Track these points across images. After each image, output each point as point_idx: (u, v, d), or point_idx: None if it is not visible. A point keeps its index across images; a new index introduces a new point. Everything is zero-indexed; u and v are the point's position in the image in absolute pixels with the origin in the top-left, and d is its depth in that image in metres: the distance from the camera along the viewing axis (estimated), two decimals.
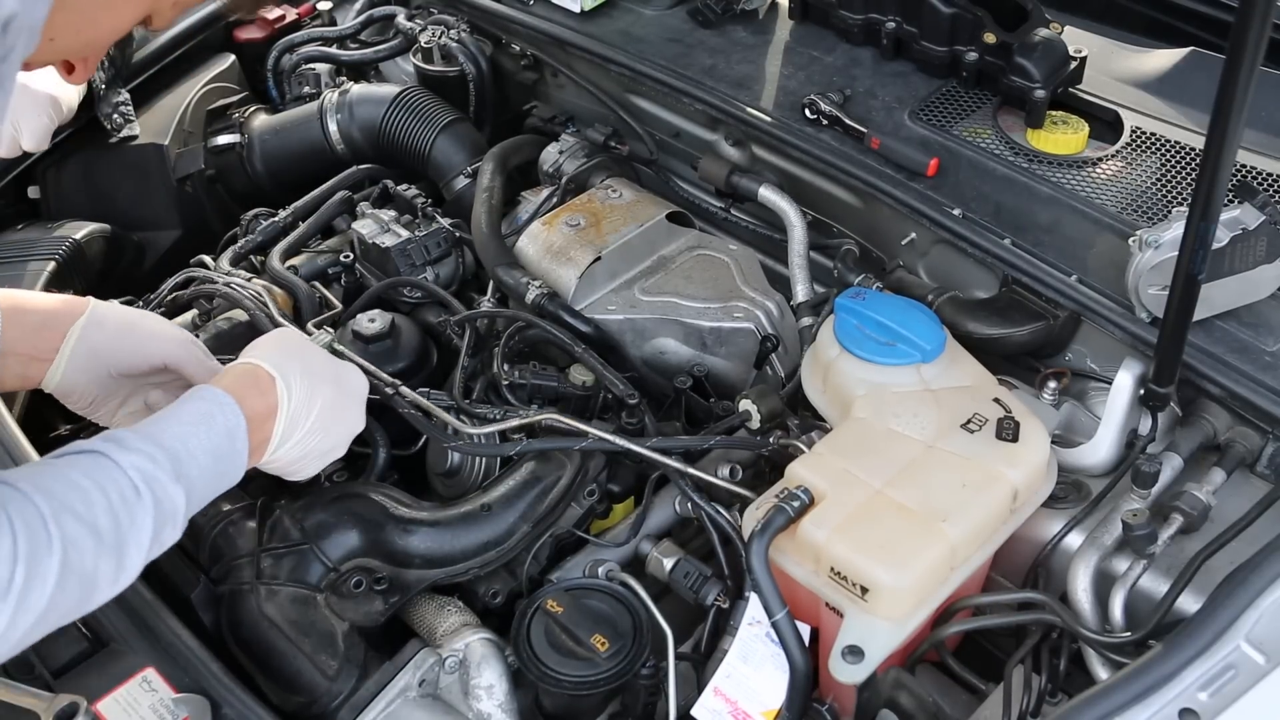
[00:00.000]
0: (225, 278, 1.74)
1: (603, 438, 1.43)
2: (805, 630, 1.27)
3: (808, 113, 1.73)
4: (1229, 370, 1.36)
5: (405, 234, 1.81)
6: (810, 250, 1.74)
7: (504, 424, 1.47)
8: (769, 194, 1.77)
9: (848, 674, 1.18)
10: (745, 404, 1.48)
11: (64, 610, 0.97)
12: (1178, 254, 1.21)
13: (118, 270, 1.95)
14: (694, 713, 1.28)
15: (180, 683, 1.20)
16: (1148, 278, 1.37)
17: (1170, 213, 1.47)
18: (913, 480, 1.28)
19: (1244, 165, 1.59)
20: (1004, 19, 1.72)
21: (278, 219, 1.93)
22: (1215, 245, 1.27)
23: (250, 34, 2.28)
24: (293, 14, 2.32)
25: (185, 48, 2.16)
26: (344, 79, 2.23)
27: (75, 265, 1.82)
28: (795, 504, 1.25)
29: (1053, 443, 1.37)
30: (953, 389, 1.40)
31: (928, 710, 1.24)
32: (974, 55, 1.74)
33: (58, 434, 1.61)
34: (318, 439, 1.25)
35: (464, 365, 1.60)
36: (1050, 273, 1.48)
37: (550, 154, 2.02)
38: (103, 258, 1.91)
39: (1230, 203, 1.36)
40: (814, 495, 1.26)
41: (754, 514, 1.29)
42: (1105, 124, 1.71)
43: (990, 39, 1.71)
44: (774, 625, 1.21)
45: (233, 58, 2.23)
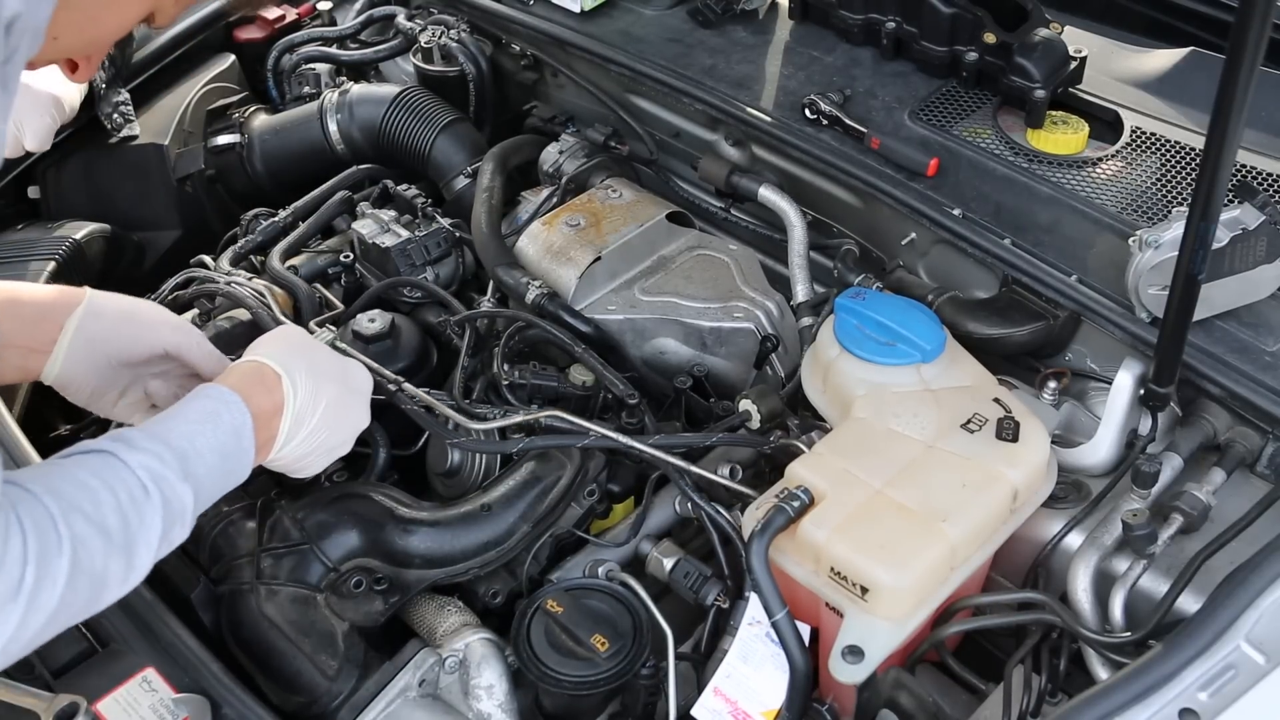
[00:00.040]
0: (226, 278, 1.74)
1: (605, 435, 1.43)
2: (805, 630, 1.27)
3: (808, 113, 1.73)
4: (1229, 370, 1.36)
5: (405, 234, 1.81)
6: (810, 250, 1.74)
7: (506, 421, 1.47)
8: (769, 194, 1.77)
9: (848, 674, 1.18)
10: (745, 404, 1.48)
11: (74, 610, 0.97)
12: (1178, 254, 1.21)
13: (118, 270, 1.94)
14: (694, 713, 1.28)
15: (180, 683, 1.20)
16: (1148, 278, 1.37)
17: (1170, 213, 1.47)
18: (913, 480, 1.28)
19: (1244, 165, 1.59)
20: (1004, 19, 1.72)
21: (278, 219, 1.93)
22: (1215, 245, 1.27)
23: (250, 34, 2.28)
24: (293, 14, 2.32)
25: (185, 48, 2.16)
26: (344, 79, 2.23)
27: (75, 265, 1.82)
28: (795, 504, 1.25)
29: (1053, 443, 1.37)
30: (953, 389, 1.40)
31: (928, 710, 1.24)
32: (974, 55, 1.74)
33: (58, 434, 1.61)
34: (323, 436, 1.24)
35: (464, 365, 1.60)
36: (1050, 273, 1.48)
37: (550, 154, 2.01)
38: (103, 258, 1.91)
39: (1230, 203, 1.36)
40: (814, 495, 1.26)
41: (754, 514, 1.29)
42: (1105, 124, 1.71)
43: (990, 39, 1.71)
44: (774, 625, 1.21)
45: (233, 58, 2.23)
